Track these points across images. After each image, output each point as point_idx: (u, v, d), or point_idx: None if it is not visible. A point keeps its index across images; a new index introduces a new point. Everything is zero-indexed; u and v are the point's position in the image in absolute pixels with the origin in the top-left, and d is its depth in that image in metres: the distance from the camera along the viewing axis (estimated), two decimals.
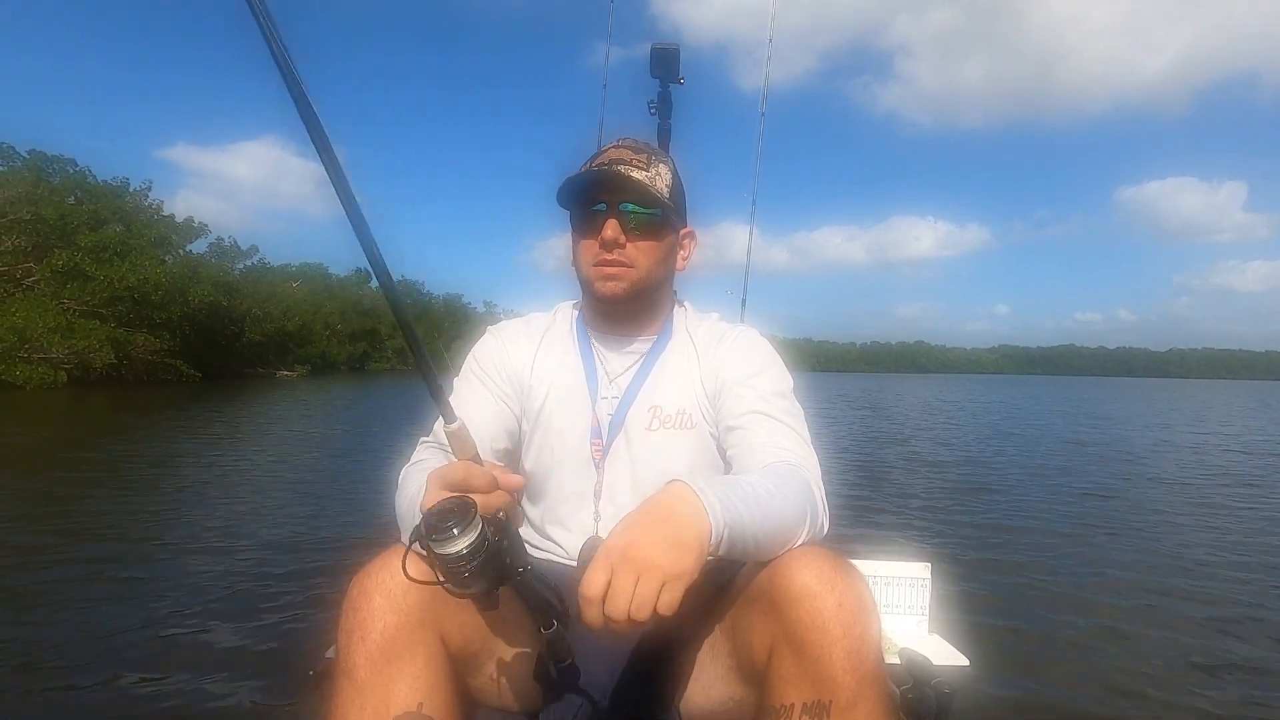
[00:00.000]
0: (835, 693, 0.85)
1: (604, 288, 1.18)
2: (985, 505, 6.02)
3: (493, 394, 1.24)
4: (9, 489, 5.80)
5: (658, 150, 1.23)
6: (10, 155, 30.23)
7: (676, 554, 0.80)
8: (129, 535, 4.32)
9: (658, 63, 2.39)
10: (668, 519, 0.83)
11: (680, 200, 1.23)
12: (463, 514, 0.77)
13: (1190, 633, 3.14)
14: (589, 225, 1.17)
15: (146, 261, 28.04)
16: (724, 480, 0.92)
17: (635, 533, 0.81)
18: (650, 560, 0.78)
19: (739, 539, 0.87)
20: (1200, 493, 6.92)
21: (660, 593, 0.78)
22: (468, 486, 0.81)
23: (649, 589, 0.77)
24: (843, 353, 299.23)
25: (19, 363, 21.73)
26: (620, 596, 0.77)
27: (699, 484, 0.87)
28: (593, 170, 1.16)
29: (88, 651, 2.61)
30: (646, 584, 0.77)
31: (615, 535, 0.82)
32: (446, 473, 0.83)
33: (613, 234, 1.15)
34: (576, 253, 1.21)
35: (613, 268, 1.17)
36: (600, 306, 1.25)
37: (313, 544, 4.18)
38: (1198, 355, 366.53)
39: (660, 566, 0.78)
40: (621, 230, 1.15)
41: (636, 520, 0.83)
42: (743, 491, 0.91)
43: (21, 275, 26.07)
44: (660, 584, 0.78)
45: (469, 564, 0.77)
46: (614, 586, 0.77)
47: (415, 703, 0.92)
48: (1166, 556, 4.47)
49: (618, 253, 1.16)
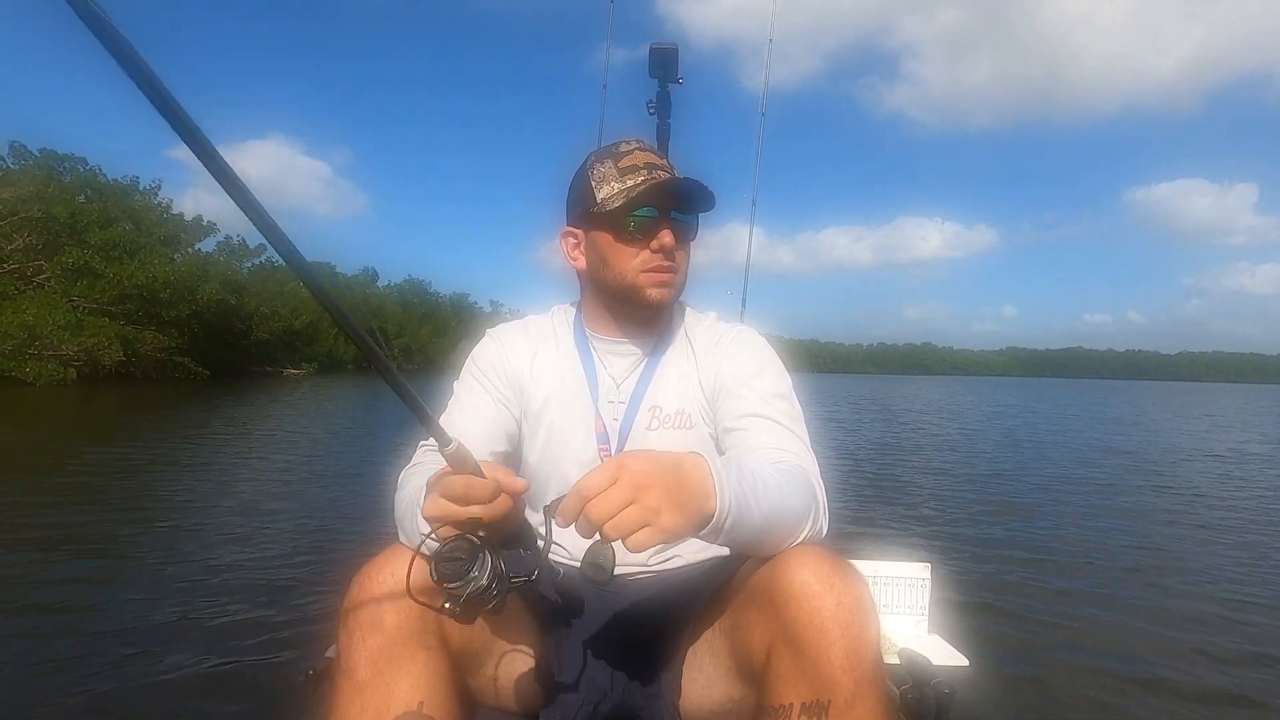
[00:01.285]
0: (833, 692, 0.85)
1: (657, 294, 1.18)
2: (985, 505, 6.00)
3: (492, 397, 1.24)
4: (12, 484, 5.84)
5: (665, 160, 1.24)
6: (22, 154, 30.57)
7: (672, 508, 0.80)
8: (130, 535, 4.33)
9: (656, 63, 2.38)
10: (678, 475, 0.83)
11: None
12: (471, 553, 0.79)
13: (1191, 632, 3.12)
14: (642, 232, 1.16)
15: (155, 260, 28.26)
16: (737, 467, 0.91)
17: (652, 469, 0.80)
18: (650, 499, 0.78)
19: (742, 526, 0.87)
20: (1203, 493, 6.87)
21: (640, 528, 0.78)
22: (468, 500, 0.80)
23: (634, 517, 0.77)
24: (849, 354, 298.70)
25: (29, 359, 21.92)
26: (609, 504, 0.77)
27: (716, 464, 0.87)
28: (680, 179, 1.16)
29: (87, 650, 2.62)
30: (635, 512, 0.78)
31: (634, 457, 0.82)
32: (446, 487, 0.81)
33: (670, 241, 1.15)
34: (614, 259, 1.18)
35: (666, 274, 1.18)
36: (637, 313, 1.24)
37: (313, 544, 4.18)
38: (1208, 358, 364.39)
39: (654, 508, 0.78)
40: (678, 239, 1.17)
41: (657, 461, 0.82)
42: (752, 480, 0.90)
43: (32, 273, 26.29)
44: (645, 522, 0.78)
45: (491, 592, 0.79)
46: (609, 494, 0.78)
47: (415, 702, 0.92)
48: (1168, 556, 4.45)
49: (675, 260, 1.18)
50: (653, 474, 0.80)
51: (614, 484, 0.78)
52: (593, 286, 1.25)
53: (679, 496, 0.81)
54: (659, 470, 0.81)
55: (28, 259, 26.28)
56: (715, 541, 0.88)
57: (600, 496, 0.78)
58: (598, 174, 1.17)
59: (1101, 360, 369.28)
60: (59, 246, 26.38)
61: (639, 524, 0.78)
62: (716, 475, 0.85)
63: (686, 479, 0.83)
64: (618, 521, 0.77)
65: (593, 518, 0.77)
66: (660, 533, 0.79)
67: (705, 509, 0.83)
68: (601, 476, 0.79)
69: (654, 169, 1.16)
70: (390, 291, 69.65)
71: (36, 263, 26.39)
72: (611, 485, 0.78)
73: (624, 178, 1.15)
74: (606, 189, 1.16)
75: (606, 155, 1.19)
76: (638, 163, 1.16)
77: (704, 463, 0.86)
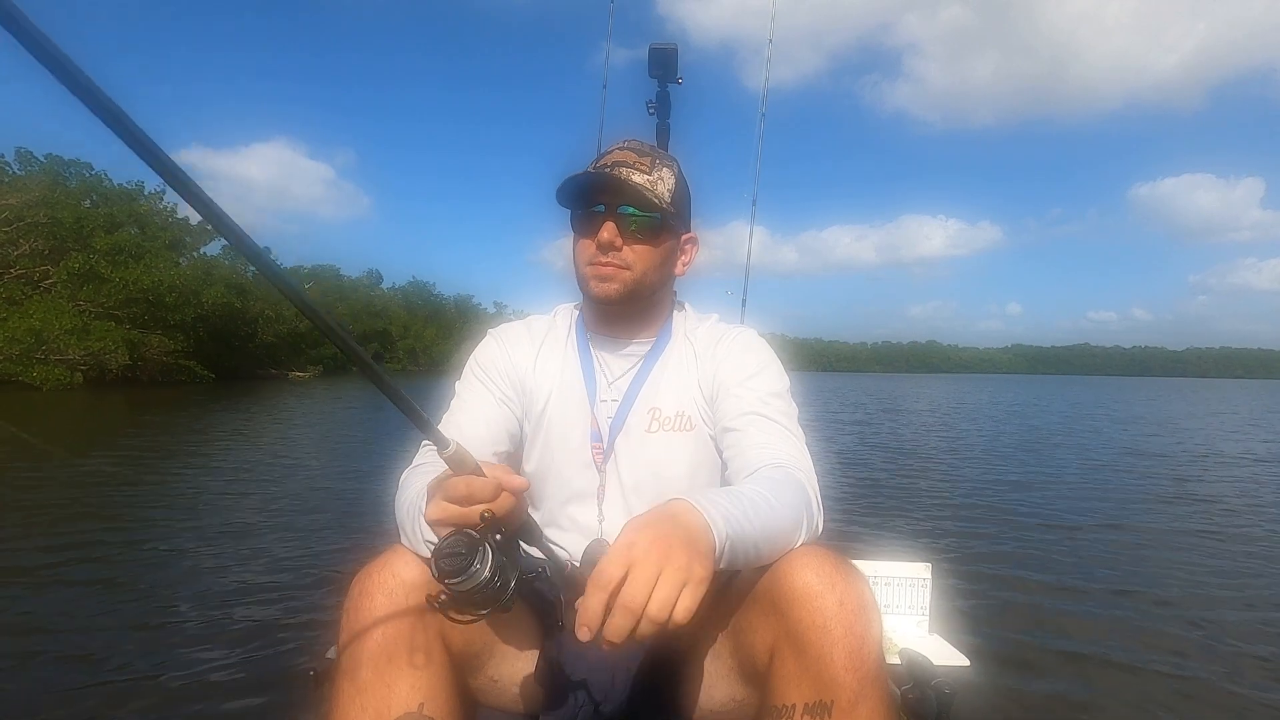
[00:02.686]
0: (837, 692, 0.84)
1: (598, 289, 1.18)
2: (986, 505, 5.98)
3: (494, 397, 1.24)
4: (15, 485, 5.87)
5: (663, 153, 1.23)
6: (28, 160, 30.73)
7: (697, 558, 0.76)
8: (131, 535, 4.34)
9: (655, 63, 2.39)
10: (681, 525, 0.80)
11: (683, 205, 1.22)
12: (470, 549, 0.78)
13: (1192, 632, 3.11)
14: (587, 226, 1.17)
15: (161, 264, 28.38)
16: (722, 493, 0.91)
17: (660, 529, 0.77)
18: (676, 559, 0.74)
19: (740, 550, 0.86)
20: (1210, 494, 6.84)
21: (681, 594, 0.73)
22: (471, 500, 0.79)
23: (671, 587, 0.72)
24: (854, 353, 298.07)
25: (36, 364, 22.01)
26: (640, 588, 0.72)
27: (699, 499, 0.85)
28: (591, 172, 1.16)
29: (87, 650, 2.63)
30: (669, 581, 0.73)
31: (635, 528, 0.78)
32: (449, 489, 0.80)
33: (609, 236, 1.15)
34: (575, 253, 1.21)
35: (608, 269, 1.17)
36: (596, 308, 1.25)
37: (315, 544, 4.19)
38: (1215, 354, 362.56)
39: (684, 566, 0.74)
40: (619, 233, 1.15)
41: (654, 521, 0.79)
42: (740, 502, 0.90)
43: (39, 278, 26.42)
44: (682, 584, 0.73)
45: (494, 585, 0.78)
46: (634, 577, 0.72)
47: (416, 703, 0.92)
48: (1169, 556, 4.43)
49: (614, 255, 1.16)
50: (664, 535, 0.77)
51: (629, 567, 0.73)
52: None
53: (695, 544, 0.78)
54: (665, 529, 0.78)
55: (34, 264, 26.43)
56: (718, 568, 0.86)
57: (626, 585, 0.72)
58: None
59: (1108, 357, 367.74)
60: (65, 251, 26.53)
61: (677, 591, 0.73)
62: (703, 509, 0.84)
63: (688, 523, 0.81)
64: (658, 601, 0.72)
65: (632, 608, 0.71)
66: (698, 586, 0.75)
67: (710, 541, 0.82)
68: (615, 564, 0.74)
69: (616, 166, 1.16)
70: (395, 294, 69.82)
71: (43, 268, 26.53)
72: (626, 570, 0.73)
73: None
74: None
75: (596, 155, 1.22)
76: (605, 161, 1.18)
77: (688, 504, 0.84)
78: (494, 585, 0.78)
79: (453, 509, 0.80)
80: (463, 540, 0.78)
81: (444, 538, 0.79)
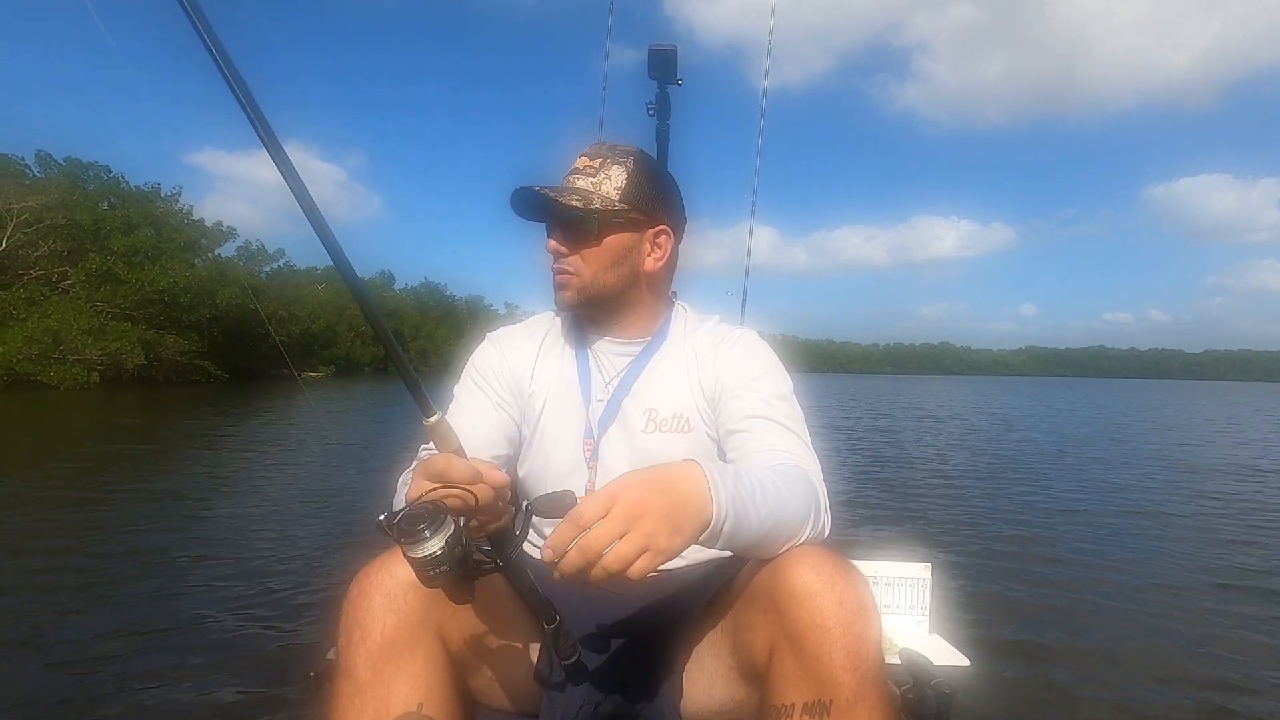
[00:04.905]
0: (836, 692, 0.84)
1: (556, 296, 1.23)
2: (986, 505, 5.96)
3: (491, 401, 1.24)
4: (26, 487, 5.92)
5: (622, 151, 1.21)
6: (48, 162, 31.21)
7: (669, 530, 0.78)
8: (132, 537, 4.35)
9: (655, 64, 2.38)
10: (673, 494, 0.81)
11: (642, 199, 1.18)
12: (433, 516, 0.76)
13: (1191, 632, 3.09)
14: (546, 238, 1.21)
15: (176, 265, 28.69)
16: (734, 469, 0.91)
17: (643, 492, 0.79)
18: (645, 525, 0.77)
19: (742, 529, 0.86)
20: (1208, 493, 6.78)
21: (639, 557, 0.76)
22: (447, 477, 0.80)
23: (631, 547, 0.76)
24: (865, 354, 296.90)
25: (54, 364, 22.33)
26: (601, 539, 0.75)
27: (712, 470, 0.85)
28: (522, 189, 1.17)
29: (85, 649, 2.64)
30: (631, 542, 0.76)
31: (623, 484, 0.80)
32: (429, 463, 0.81)
33: (554, 245, 1.19)
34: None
35: (560, 277, 1.20)
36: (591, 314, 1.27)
37: (315, 545, 4.20)
38: (1233, 357, 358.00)
39: (651, 533, 0.77)
40: (561, 241, 1.18)
41: (648, 482, 0.81)
42: (750, 483, 0.89)
43: (57, 279, 26.80)
44: (644, 549, 0.76)
45: (442, 565, 0.76)
46: (600, 527, 0.76)
47: (415, 703, 0.92)
48: (1169, 557, 4.40)
49: (562, 263, 1.19)
50: (647, 499, 0.78)
51: (609, 515, 0.76)
52: None
53: (676, 517, 0.79)
54: (653, 493, 0.79)
55: (53, 265, 26.82)
56: (715, 546, 0.87)
57: (594, 530, 0.76)
58: None
59: (1124, 359, 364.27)
60: (83, 253, 26.90)
61: (636, 552, 0.76)
62: (712, 481, 0.84)
63: (682, 494, 0.81)
64: (615, 554, 0.75)
65: (588, 551, 0.75)
66: (659, 555, 0.77)
67: (703, 517, 0.82)
68: (595, 506, 0.77)
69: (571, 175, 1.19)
70: (406, 295, 70.12)
71: (61, 269, 26.92)
72: (606, 515, 0.76)
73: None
74: None
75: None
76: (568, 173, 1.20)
77: (698, 469, 0.85)
78: (440, 564, 0.76)
79: (428, 486, 0.80)
80: (427, 507, 0.77)
81: (414, 500, 0.79)
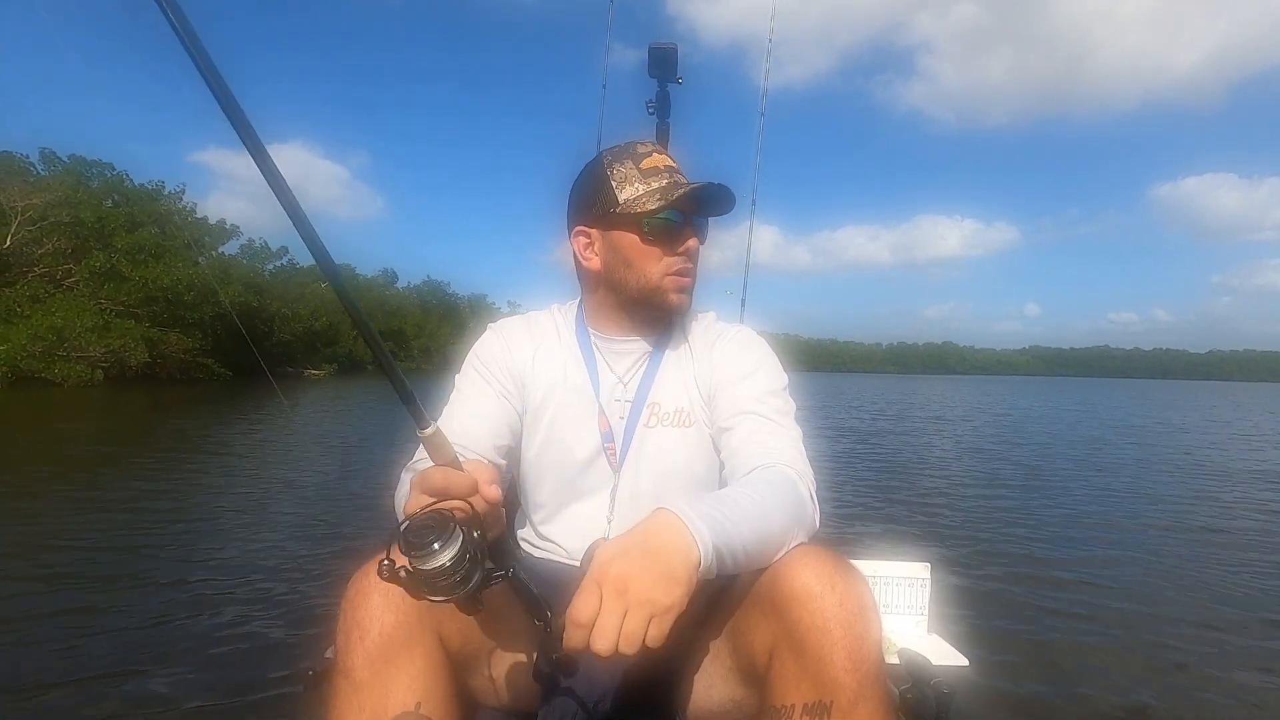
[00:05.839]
0: (836, 693, 0.84)
1: (677, 299, 1.19)
2: (986, 505, 5.97)
3: (495, 390, 1.24)
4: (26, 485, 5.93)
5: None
6: (52, 160, 31.29)
7: (666, 586, 0.78)
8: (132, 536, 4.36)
9: (655, 62, 2.37)
10: (657, 550, 0.81)
11: None
12: (442, 527, 0.76)
13: (1191, 632, 3.10)
14: (668, 235, 1.16)
15: (180, 263, 28.76)
16: (711, 499, 0.91)
17: (625, 564, 0.79)
18: (640, 594, 0.77)
19: (729, 557, 0.86)
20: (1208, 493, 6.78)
21: (649, 626, 0.77)
22: (446, 492, 0.80)
23: (637, 623, 0.76)
24: (869, 353, 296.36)
25: (58, 361, 22.40)
26: (608, 630, 0.76)
27: (685, 509, 0.85)
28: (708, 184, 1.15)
29: (84, 648, 2.64)
30: (635, 618, 0.76)
31: (603, 564, 0.80)
32: (426, 478, 0.82)
33: (696, 246, 1.18)
34: (637, 260, 1.17)
35: (687, 278, 1.19)
36: (651, 314, 1.23)
37: (314, 544, 4.21)
38: (1239, 357, 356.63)
39: (650, 600, 0.77)
40: (698, 243, 1.19)
41: (625, 549, 0.81)
42: (729, 508, 0.89)
43: (61, 276, 26.88)
44: (649, 618, 0.77)
45: (453, 576, 0.76)
46: (601, 619, 0.76)
47: (413, 702, 0.92)
48: (1169, 557, 4.41)
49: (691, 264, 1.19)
50: (629, 569, 0.79)
51: (601, 605, 0.77)
52: (606, 286, 1.23)
53: (665, 568, 0.79)
54: (633, 559, 0.80)
55: (57, 263, 26.89)
56: (709, 577, 0.86)
57: (597, 626, 0.76)
58: (618, 174, 1.16)
59: (1128, 359, 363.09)
60: (87, 250, 26.99)
61: (644, 626, 0.76)
62: (688, 520, 0.84)
63: (663, 544, 0.81)
64: (625, 638, 0.76)
65: (603, 648, 0.75)
66: (667, 614, 0.78)
67: (692, 558, 0.82)
68: (588, 599, 0.77)
69: (674, 172, 1.17)
70: (409, 293, 70.22)
71: (65, 266, 26.99)
72: (599, 605, 0.77)
73: (648, 179, 1.15)
74: (630, 190, 1.15)
75: (625, 155, 1.18)
76: (659, 165, 1.17)
77: (670, 514, 0.85)
78: (452, 576, 0.75)
79: (426, 501, 0.80)
80: (435, 519, 0.76)
81: (420, 512, 0.78)
